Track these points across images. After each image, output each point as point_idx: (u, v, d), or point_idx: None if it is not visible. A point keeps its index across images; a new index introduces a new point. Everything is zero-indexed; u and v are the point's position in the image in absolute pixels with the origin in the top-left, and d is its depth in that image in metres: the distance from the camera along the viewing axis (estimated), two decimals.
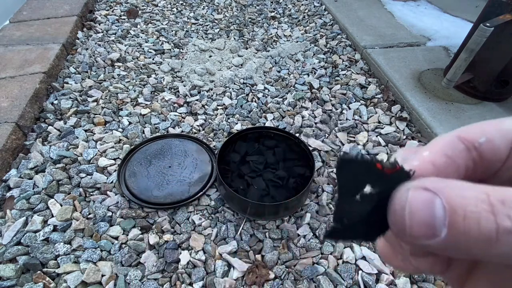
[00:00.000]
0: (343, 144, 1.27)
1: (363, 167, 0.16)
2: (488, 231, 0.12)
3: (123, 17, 2.07)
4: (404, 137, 1.30)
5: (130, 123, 1.32)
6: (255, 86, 1.57)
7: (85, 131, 1.26)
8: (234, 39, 1.94)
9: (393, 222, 0.15)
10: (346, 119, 1.38)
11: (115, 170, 1.12)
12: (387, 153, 1.22)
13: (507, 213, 0.12)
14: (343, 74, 1.65)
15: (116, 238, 0.94)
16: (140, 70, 1.63)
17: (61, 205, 1.00)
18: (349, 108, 1.44)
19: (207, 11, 2.23)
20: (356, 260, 0.93)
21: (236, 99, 1.48)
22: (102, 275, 0.86)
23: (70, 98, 1.38)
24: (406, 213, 0.14)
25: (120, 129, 1.29)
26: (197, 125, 1.33)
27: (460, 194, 0.13)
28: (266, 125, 1.35)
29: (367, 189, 0.16)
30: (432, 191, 0.13)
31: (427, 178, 0.14)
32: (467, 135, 0.16)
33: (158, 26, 2.01)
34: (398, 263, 0.18)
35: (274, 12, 2.27)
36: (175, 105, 1.43)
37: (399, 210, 0.14)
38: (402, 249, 0.18)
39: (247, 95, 1.52)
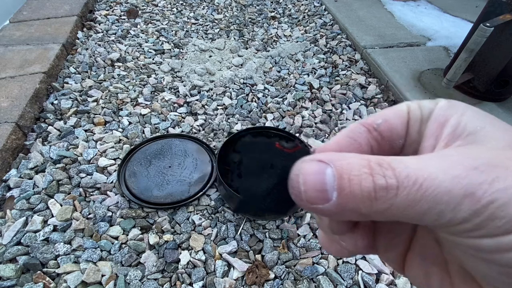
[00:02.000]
0: None
1: (264, 148, 0.18)
2: (368, 189, 0.14)
3: (123, 17, 2.07)
4: None
5: (130, 123, 1.32)
6: (255, 86, 1.57)
7: (85, 131, 1.26)
8: (234, 39, 1.94)
9: (291, 189, 0.16)
10: (346, 119, 1.38)
11: (115, 170, 1.12)
12: None
13: (382, 173, 0.14)
14: (343, 74, 1.65)
15: (116, 238, 0.94)
16: (140, 70, 1.63)
17: (61, 205, 1.00)
18: (349, 108, 1.44)
19: (207, 11, 2.23)
20: (356, 260, 0.93)
21: (236, 99, 1.48)
22: (102, 275, 0.86)
23: (70, 98, 1.38)
24: (300, 179, 0.16)
25: (120, 129, 1.29)
26: (197, 125, 1.33)
27: (346, 162, 0.15)
28: (266, 125, 1.35)
29: (271, 166, 0.17)
30: (324, 162, 0.15)
31: (323, 153, 0.16)
32: (367, 120, 0.18)
33: (158, 26, 2.01)
34: (333, 249, 0.20)
35: (274, 12, 2.27)
36: (175, 105, 1.43)
37: (294, 178, 0.16)
38: (332, 234, 0.20)
39: (247, 95, 1.52)
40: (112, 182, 1.08)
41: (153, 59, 1.71)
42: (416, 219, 0.14)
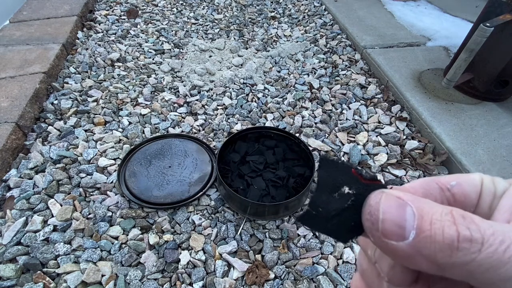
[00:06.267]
0: (343, 144, 1.27)
1: (341, 170, 0.18)
2: (451, 237, 0.13)
3: (123, 17, 2.07)
4: (404, 137, 1.30)
5: (130, 123, 1.32)
6: (255, 86, 1.57)
7: (85, 131, 1.26)
8: (234, 39, 1.94)
9: (366, 216, 0.16)
10: (346, 119, 1.38)
11: (115, 170, 1.12)
12: (387, 153, 1.22)
13: (466, 225, 0.14)
14: (343, 74, 1.65)
15: (116, 238, 0.94)
16: (140, 70, 1.63)
17: (61, 205, 1.00)
18: (349, 108, 1.44)
19: (207, 11, 2.23)
20: (356, 260, 0.93)
21: (236, 99, 1.48)
22: (102, 275, 0.86)
23: (70, 98, 1.38)
24: (380, 208, 0.15)
25: (120, 129, 1.29)
26: (197, 125, 1.33)
27: (428, 205, 0.15)
28: (266, 125, 1.35)
29: (345, 189, 0.17)
30: (403, 201, 0.15)
31: (401, 191, 0.16)
32: (441, 178, 0.18)
33: (158, 26, 2.01)
34: None
35: (274, 12, 2.27)
36: (175, 105, 1.43)
37: (374, 206, 0.16)
38: (379, 283, 0.19)
39: (247, 95, 1.52)
40: (112, 182, 1.08)
41: (153, 59, 1.71)
42: (495, 285, 0.13)
